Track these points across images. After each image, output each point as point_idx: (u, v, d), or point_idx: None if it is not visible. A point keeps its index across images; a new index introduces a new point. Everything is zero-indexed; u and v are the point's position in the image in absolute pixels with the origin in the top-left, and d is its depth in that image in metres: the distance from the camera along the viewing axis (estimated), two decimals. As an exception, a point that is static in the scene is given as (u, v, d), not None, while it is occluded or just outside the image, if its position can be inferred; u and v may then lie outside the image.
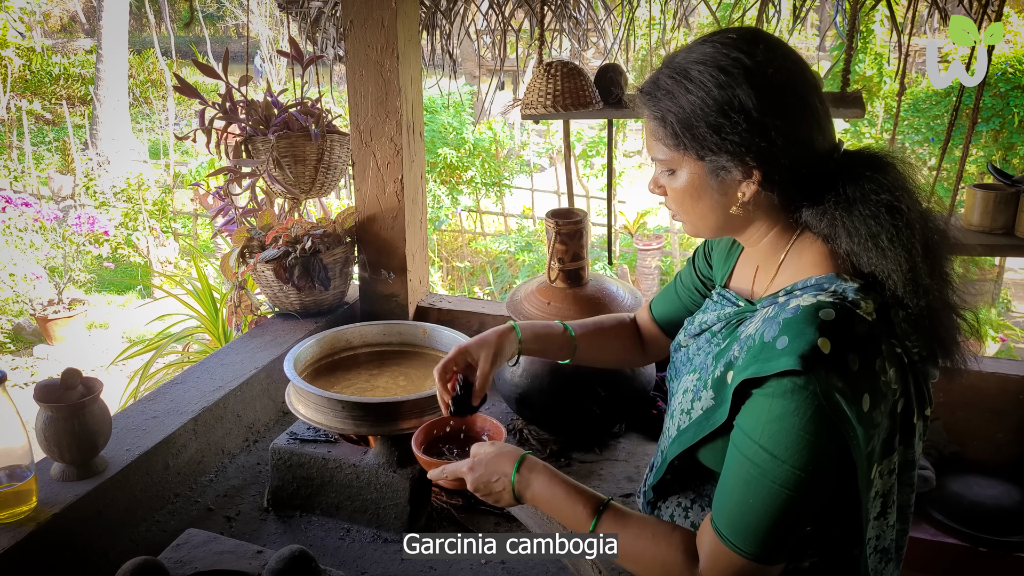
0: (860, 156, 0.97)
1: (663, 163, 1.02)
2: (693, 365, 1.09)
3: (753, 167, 0.95)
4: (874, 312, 0.89)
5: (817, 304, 0.88)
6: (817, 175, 0.96)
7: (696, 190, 1.00)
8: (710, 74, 0.94)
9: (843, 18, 2.78)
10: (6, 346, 5.55)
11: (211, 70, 2.21)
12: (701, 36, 1.00)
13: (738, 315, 1.06)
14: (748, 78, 0.92)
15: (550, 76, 2.34)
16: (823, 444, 0.85)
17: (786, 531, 0.88)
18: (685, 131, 0.96)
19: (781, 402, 0.86)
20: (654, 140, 1.02)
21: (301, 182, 2.23)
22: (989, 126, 6.11)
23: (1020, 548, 1.81)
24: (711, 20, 2.86)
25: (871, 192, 0.92)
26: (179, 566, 1.19)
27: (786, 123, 0.93)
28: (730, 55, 0.93)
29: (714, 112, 0.93)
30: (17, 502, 1.24)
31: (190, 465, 1.61)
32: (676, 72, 0.97)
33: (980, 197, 2.17)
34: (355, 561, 1.40)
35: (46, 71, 12.20)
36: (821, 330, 0.85)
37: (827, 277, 0.95)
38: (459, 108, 7.32)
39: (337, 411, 1.43)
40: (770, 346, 0.88)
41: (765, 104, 0.92)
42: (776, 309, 0.92)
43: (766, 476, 0.87)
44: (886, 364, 0.88)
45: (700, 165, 0.98)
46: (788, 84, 0.94)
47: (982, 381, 1.95)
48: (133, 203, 6.82)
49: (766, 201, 0.99)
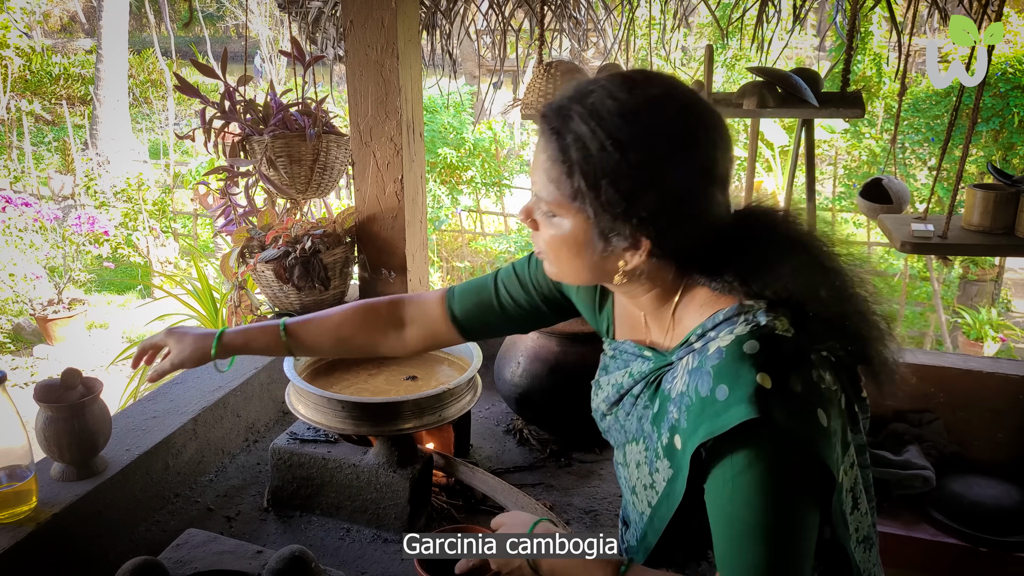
0: (754, 216, 0.94)
1: (547, 204, 0.92)
2: (631, 434, 1.03)
3: (645, 239, 0.88)
4: (790, 327, 0.86)
5: (738, 340, 0.85)
6: (711, 242, 0.91)
7: (577, 245, 0.92)
8: (630, 134, 0.84)
9: (843, 18, 2.78)
10: (6, 346, 5.55)
11: (210, 70, 2.21)
12: (620, 77, 0.89)
13: (654, 372, 0.99)
14: (668, 149, 0.85)
15: (550, 76, 2.34)
16: (798, 478, 0.83)
17: (798, 568, 0.85)
18: (589, 188, 0.86)
19: (746, 453, 0.82)
20: (545, 178, 0.90)
21: (297, 182, 2.22)
22: (989, 126, 6.11)
23: (1020, 548, 1.81)
24: (711, 20, 2.86)
25: (768, 251, 0.90)
26: (179, 566, 1.19)
27: (694, 202, 0.87)
28: (654, 118, 0.86)
29: (627, 179, 0.85)
30: (17, 502, 1.23)
31: (190, 465, 1.61)
32: (592, 117, 0.86)
33: (980, 197, 2.17)
34: (355, 561, 1.40)
35: (46, 71, 12.19)
36: (755, 366, 0.82)
37: (733, 309, 0.90)
38: (459, 108, 7.32)
39: (337, 411, 1.43)
40: (711, 400, 0.84)
41: (679, 180, 0.86)
42: (698, 358, 0.88)
43: (755, 527, 0.83)
44: (820, 372, 0.86)
45: (589, 223, 0.89)
46: (705, 158, 0.87)
47: (982, 381, 1.95)
48: (133, 203, 6.82)
49: (650, 267, 0.92)
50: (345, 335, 1.31)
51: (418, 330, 1.30)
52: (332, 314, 1.32)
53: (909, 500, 1.97)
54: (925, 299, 6.08)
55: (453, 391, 1.48)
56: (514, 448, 1.82)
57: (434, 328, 1.28)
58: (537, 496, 1.60)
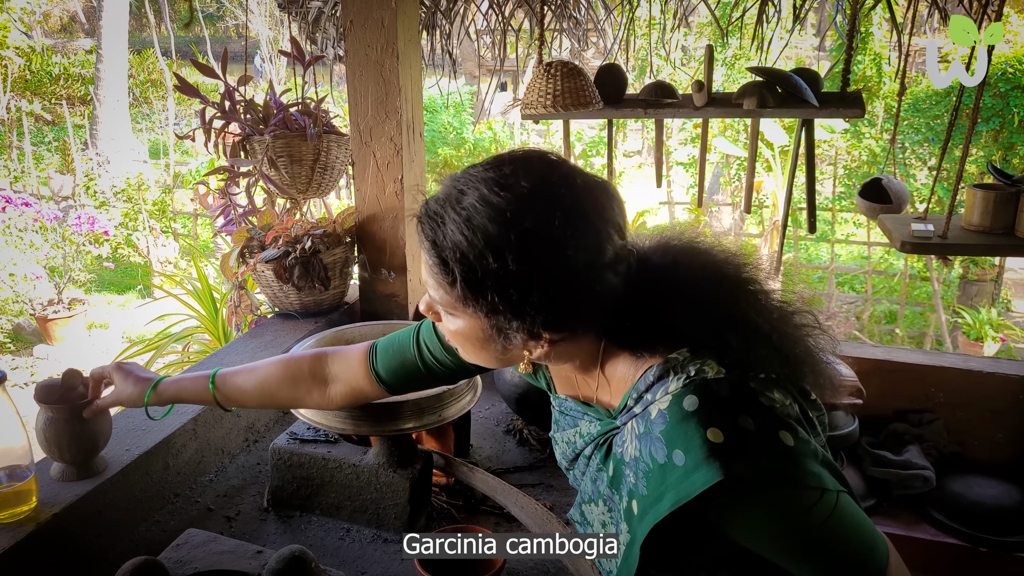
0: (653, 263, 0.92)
1: (440, 304, 0.92)
2: (588, 494, 1.02)
3: (542, 332, 0.88)
4: (719, 367, 0.86)
5: (675, 399, 0.84)
6: (615, 309, 0.90)
7: (479, 341, 0.92)
8: (507, 243, 0.83)
9: (843, 18, 2.78)
10: (6, 346, 5.55)
11: (211, 70, 2.21)
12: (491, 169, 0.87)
13: (603, 435, 0.98)
14: (547, 251, 0.83)
15: (550, 76, 2.34)
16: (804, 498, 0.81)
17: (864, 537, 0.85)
18: (472, 292, 0.86)
19: (738, 513, 0.82)
20: (433, 282, 0.90)
21: (297, 182, 2.23)
22: (989, 126, 6.11)
23: (1020, 548, 1.81)
24: (711, 20, 2.86)
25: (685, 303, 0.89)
26: (179, 566, 1.19)
27: (583, 291, 0.86)
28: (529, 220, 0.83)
29: (510, 286, 0.84)
30: (17, 502, 1.23)
31: (190, 465, 1.61)
32: (468, 226, 0.84)
33: (980, 197, 2.17)
34: (355, 561, 1.40)
35: (46, 71, 12.20)
36: (701, 422, 0.81)
37: (659, 367, 0.89)
38: (459, 108, 7.32)
39: (337, 411, 1.43)
40: (670, 466, 0.82)
41: (563, 279, 0.84)
42: (643, 423, 0.87)
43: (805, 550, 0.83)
44: (765, 395, 0.85)
45: (483, 322, 0.89)
46: (589, 247, 0.85)
47: (982, 381, 1.95)
48: (133, 203, 6.82)
49: (557, 350, 0.92)
50: (269, 391, 1.31)
51: (342, 387, 1.28)
52: (257, 367, 1.32)
53: (909, 500, 1.97)
54: (925, 299, 6.09)
55: (453, 391, 1.48)
56: (514, 448, 1.82)
57: (358, 385, 1.26)
58: (537, 496, 1.60)
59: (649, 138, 9.89)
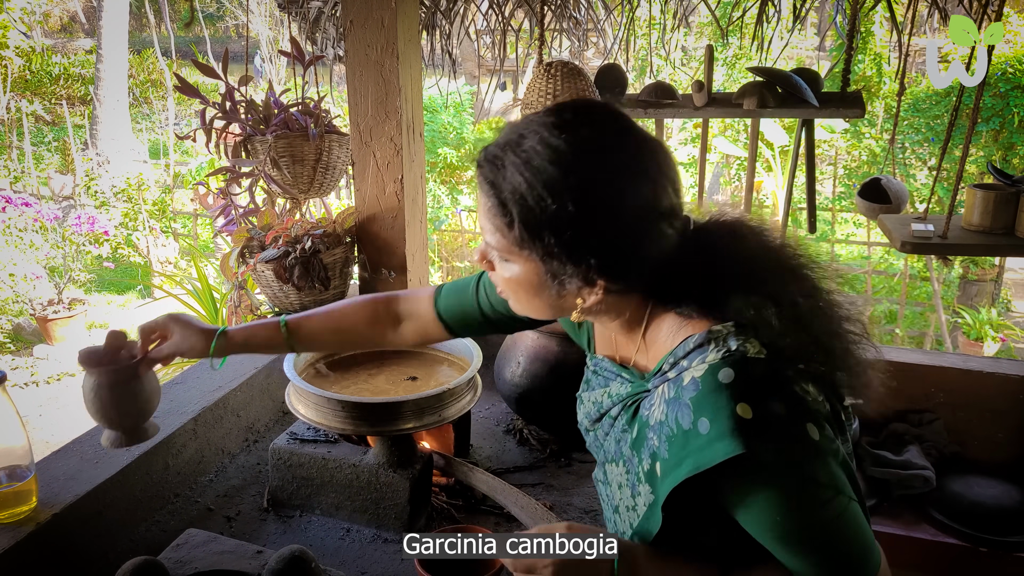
0: (713, 231, 0.93)
1: (496, 251, 0.92)
2: (611, 454, 1.02)
3: (597, 279, 0.88)
4: (761, 348, 0.85)
5: (711, 369, 0.84)
6: (667, 269, 0.90)
7: (533, 287, 0.92)
8: (566, 185, 0.83)
9: (843, 18, 2.78)
10: (6, 346, 5.55)
11: (211, 70, 2.21)
12: (552, 115, 0.88)
13: (633, 396, 0.98)
14: (606, 194, 0.84)
15: (550, 76, 2.34)
16: (814, 487, 0.82)
17: (865, 549, 0.85)
18: (532, 238, 0.86)
19: (750, 487, 0.82)
20: (491, 226, 0.90)
21: (299, 182, 2.23)
22: (989, 126, 6.11)
23: (1020, 548, 1.81)
24: (711, 20, 2.86)
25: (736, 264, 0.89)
26: (179, 566, 1.19)
27: (639, 239, 0.87)
28: (587, 162, 0.85)
29: (568, 228, 0.84)
30: (17, 502, 1.24)
31: (190, 465, 1.61)
32: (527, 167, 0.85)
33: (980, 197, 2.17)
34: (355, 561, 1.40)
35: (46, 71, 12.19)
36: (732, 395, 0.81)
37: (703, 336, 0.88)
38: (459, 108, 7.32)
39: (337, 411, 1.43)
40: (694, 433, 0.83)
41: (620, 223, 0.85)
42: (674, 388, 0.87)
43: (800, 545, 0.83)
44: (801, 385, 0.85)
45: (540, 266, 0.89)
46: (646, 194, 0.86)
47: (982, 381, 1.95)
48: (133, 203, 6.82)
49: (610, 300, 0.92)
50: (346, 330, 1.33)
51: (412, 325, 1.32)
52: (332, 309, 1.33)
53: (909, 500, 1.97)
54: (925, 299, 6.09)
55: (453, 391, 1.48)
56: (514, 448, 1.82)
57: (425, 325, 1.30)
58: (537, 496, 1.60)
59: (649, 138, 9.89)
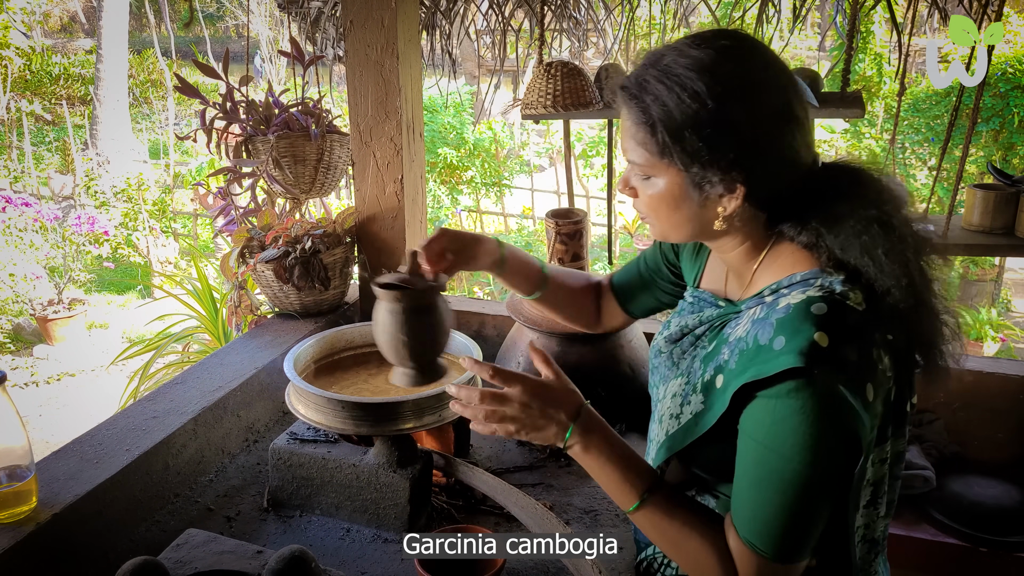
0: (841, 170, 0.96)
1: (640, 168, 0.98)
2: (680, 370, 1.08)
3: (738, 183, 0.92)
4: (862, 302, 0.89)
5: (808, 300, 0.87)
6: (800, 190, 0.94)
7: (675, 200, 0.96)
8: (704, 84, 0.89)
9: (843, 18, 2.78)
10: (6, 346, 5.55)
11: (211, 70, 2.21)
12: (689, 37, 0.95)
13: (722, 317, 1.04)
14: (742, 92, 0.89)
15: (550, 76, 2.34)
16: (830, 439, 0.85)
17: (805, 529, 0.88)
18: (674, 140, 0.91)
19: (785, 402, 0.85)
20: (633, 143, 0.97)
21: (301, 182, 2.23)
22: (989, 126, 6.11)
23: (1020, 548, 1.81)
24: (711, 20, 2.86)
25: (859, 207, 0.91)
26: (179, 566, 1.19)
27: (776, 140, 0.91)
28: (724, 66, 0.90)
29: (708, 125, 0.89)
30: (17, 502, 1.24)
31: (190, 465, 1.61)
32: (667, 76, 0.91)
33: (980, 197, 2.17)
34: (355, 561, 1.40)
35: (46, 71, 12.20)
36: (816, 325, 0.85)
37: (811, 273, 0.93)
38: (459, 108, 7.32)
39: (337, 411, 1.43)
40: (767, 348, 0.87)
41: (759, 119, 0.90)
42: (765, 309, 0.92)
43: (777, 476, 0.87)
44: (881, 352, 0.89)
45: (682, 176, 0.94)
46: (780, 99, 0.92)
47: (982, 381, 1.95)
48: (133, 203, 6.82)
49: (746, 214, 0.96)
50: (578, 302, 1.43)
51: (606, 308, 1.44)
52: (575, 273, 1.45)
53: (909, 500, 1.97)
54: (925, 299, 6.07)
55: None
56: (514, 448, 1.82)
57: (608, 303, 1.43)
58: (537, 496, 1.60)
59: (649, 138, 9.88)
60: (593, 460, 1.01)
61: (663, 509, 0.99)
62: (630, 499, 1.00)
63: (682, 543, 0.97)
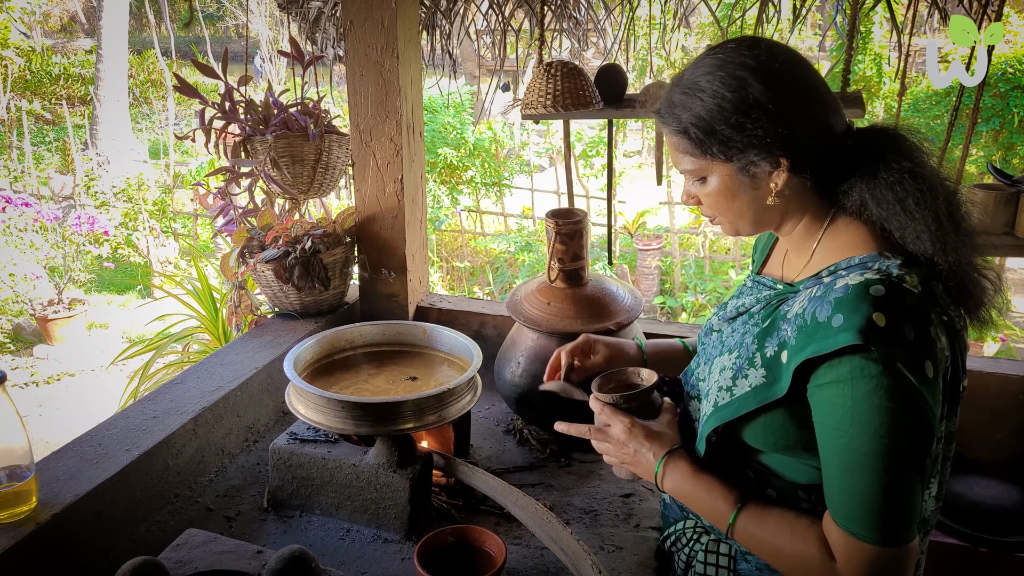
0: (873, 132, 1.02)
1: (692, 173, 1.06)
2: (727, 346, 1.12)
3: (780, 155, 0.99)
4: (919, 285, 0.92)
5: (866, 282, 0.91)
6: (839, 155, 1.00)
7: (730, 190, 1.04)
8: (720, 80, 0.99)
9: (843, 18, 2.78)
10: (6, 346, 5.55)
11: (211, 70, 2.21)
12: (701, 53, 1.05)
13: (779, 296, 1.08)
14: (756, 76, 0.97)
15: (550, 76, 2.34)
16: (906, 412, 0.87)
17: (906, 506, 0.89)
18: (708, 136, 1.00)
19: (859, 384, 0.88)
20: (680, 153, 1.06)
21: (299, 182, 2.23)
22: (989, 126, 6.10)
23: (1020, 548, 1.81)
24: (711, 20, 2.86)
25: (892, 161, 0.97)
26: (179, 566, 1.18)
27: (801, 109, 0.98)
28: (735, 60, 0.99)
29: (732, 112, 0.98)
30: (17, 502, 1.24)
31: (190, 465, 1.61)
32: (687, 87, 1.02)
33: (980, 197, 2.17)
34: (355, 561, 1.40)
35: (46, 71, 12.20)
36: (874, 305, 0.88)
37: (869, 256, 0.98)
38: (459, 108, 7.31)
39: (337, 411, 1.43)
40: (825, 325, 0.91)
41: (778, 95, 0.97)
42: (823, 289, 0.95)
43: (872, 457, 0.88)
44: (938, 331, 0.91)
45: (729, 167, 1.02)
46: (795, 74, 0.99)
47: (982, 381, 1.95)
48: (133, 203, 6.82)
49: (798, 186, 1.02)
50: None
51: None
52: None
53: (909, 500, 1.97)
54: (925, 299, 6.08)
55: (453, 391, 1.48)
56: (514, 448, 1.82)
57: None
58: (537, 496, 1.60)
59: (649, 138, 9.89)
60: (682, 483, 1.11)
61: (760, 515, 1.03)
62: (724, 517, 1.05)
63: (785, 547, 1.00)
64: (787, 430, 1.00)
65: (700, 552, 1.19)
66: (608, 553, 1.43)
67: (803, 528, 0.99)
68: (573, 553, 1.27)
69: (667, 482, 1.12)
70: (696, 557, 1.20)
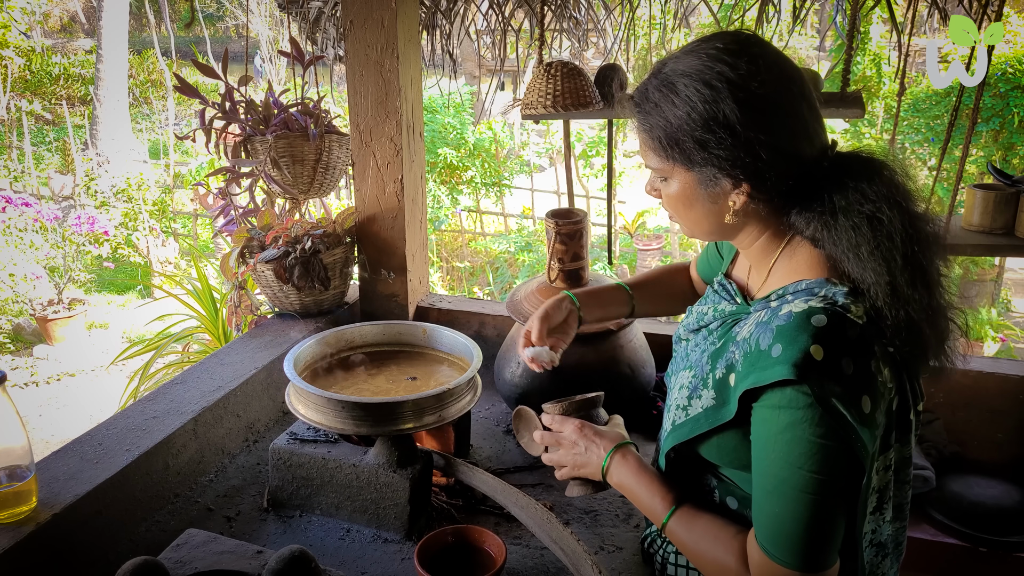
0: (850, 160, 0.97)
1: (655, 170, 1.05)
2: (689, 362, 1.12)
3: (741, 180, 0.96)
4: (864, 315, 0.90)
5: (808, 311, 0.89)
6: (805, 183, 0.96)
7: (688, 198, 1.02)
8: (695, 88, 0.94)
9: (843, 18, 2.78)
10: (6, 346, 5.55)
11: (211, 70, 2.21)
12: (690, 43, 1.00)
13: (733, 316, 1.08)
14: (732, 93, 0.93)
15: (550, 76, 2.34)
16: (831, 446, 0.86)
17: (824, 537, 0.89)
18: (672, 145, 0.98)
19: (785, 413, 0.88)
20: (645, 148, 1.04)
21: (299, 182, 2.23)
22: (989, 126, 6.10)
23: (1020, 548, 1.81)
24: (711, 21, 2.86)
25: (855, 202, 0.93)
26: (179, 566, 1.18)
27: (771, 137, 0.93)
28: (715, 68, 0.94)
29: (699, 127, 0.94)
30: (17, 502, 1.24)
31: (190, 465, 1.61)
32: (663, 85, 0.98)
33: (980, 197, 2.17)
34: (355, 561, 1.40)
35: (46, 71, 12.20)
36: (814, 337, 0.87)
37: (817, 282, 0.96)
38: (459, 108, 7.31)
39: (337, 411, 1.43)
40: (766, 354, 0.90)
41: (749, 119, 0.92)
42: (769, 314, 0.94)
43: (787, 485, 0.88)
44: (880, 364, 0.90)
45: (691, 175, 1.00)
46: (773, 97, 0.94)
47: (982, 381, 1.95)
48: (133, 203, 6.82)
49: (757, 209, 1.00)
50: (677, 290, 1.48)
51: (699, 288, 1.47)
52: (658, 274, 1.50)
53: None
54: (925, 299, 6.07)
55: (453, 391, 1.48)
56: (514, 448, 1.82)
57: (700, 287, 1.47)
58: (537, 496, 1.60)
59: (649, 138, 9.88)
60: (627, 478, 1.13)
61: (690, 518, 1.04)
62: (659, 516, 1.07)
63: (706, 552, 1.01)
64: (739, 450, 1.00)
65: (672, 555, 1.21)
66: (608, 553, 1.44)
67: (727, 537, 0.99)
68: (573, 553, 1.27)
69: (613, 475, 1.14)
70: (668, 560, 1.22)
